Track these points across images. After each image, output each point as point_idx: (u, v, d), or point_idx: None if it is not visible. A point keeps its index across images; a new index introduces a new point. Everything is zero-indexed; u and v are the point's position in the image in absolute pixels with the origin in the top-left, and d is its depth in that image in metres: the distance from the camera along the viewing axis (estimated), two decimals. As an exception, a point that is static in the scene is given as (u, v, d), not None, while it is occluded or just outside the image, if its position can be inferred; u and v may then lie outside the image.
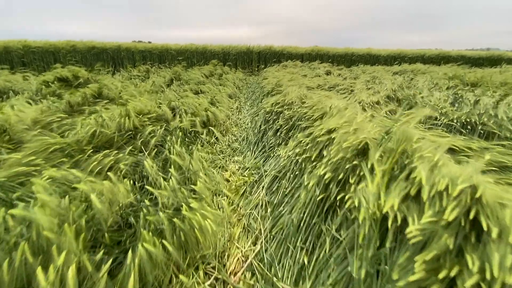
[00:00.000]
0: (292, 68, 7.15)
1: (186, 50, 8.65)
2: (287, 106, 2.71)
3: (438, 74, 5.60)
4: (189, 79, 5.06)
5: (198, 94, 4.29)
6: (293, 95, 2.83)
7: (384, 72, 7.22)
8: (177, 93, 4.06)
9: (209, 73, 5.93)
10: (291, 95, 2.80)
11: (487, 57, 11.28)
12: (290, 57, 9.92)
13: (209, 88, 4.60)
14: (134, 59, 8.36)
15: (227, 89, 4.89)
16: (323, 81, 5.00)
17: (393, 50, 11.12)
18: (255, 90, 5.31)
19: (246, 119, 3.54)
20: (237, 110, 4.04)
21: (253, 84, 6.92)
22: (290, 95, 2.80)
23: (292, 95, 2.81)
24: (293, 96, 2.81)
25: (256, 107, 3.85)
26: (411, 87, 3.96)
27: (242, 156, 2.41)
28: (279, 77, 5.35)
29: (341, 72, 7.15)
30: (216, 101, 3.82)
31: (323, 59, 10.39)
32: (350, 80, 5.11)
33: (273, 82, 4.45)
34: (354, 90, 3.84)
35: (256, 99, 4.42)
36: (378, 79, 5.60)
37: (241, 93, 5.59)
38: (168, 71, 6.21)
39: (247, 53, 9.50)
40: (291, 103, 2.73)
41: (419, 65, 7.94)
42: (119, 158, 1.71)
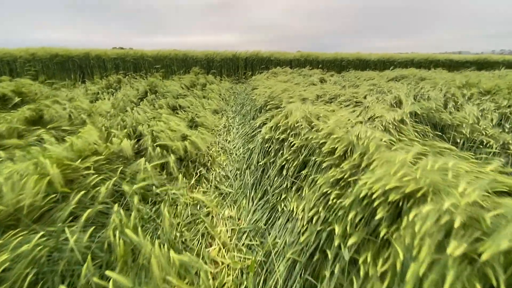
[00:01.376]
0: (283, 76, 6.55)
1: (165, 57, 7.86)
2: (292, 130, 2.04)
3: (441, 81, 5.18)
4: (167, 91, 4.30)
5: (176, 111, 3.55)
6: (298, 114, 2.17)
7: (379, 78, 6.78)
8: (150, 111, 3.31)
9: (191, 83, 5.21)
10: (295, 116, 2.14)
11: (473, 60, 11.27)
12: (278, 63, 9.37)
13: (190, 102, 3.87)
14: (105, 67, 7.47)
15: (212, 102, 4.18)
16: (320, 91, 4.40)
17: (383, 55, 10.86)
18: (245, 102, 4.63)
19: (237, 143, 2.84)
20: (225, 129, 3.33)
21: (241, 93, 6.24)
22: (294, 116, 2.14)
23: (296, 115, 2.15)
24: (298, 116, 2.15)
25: (248, 126, 3.17)
26: (426, 98, 3.42)
27: (236, 207, 1.71)
28: (270, 86, 4.71)
29: (335, 79, 6.62)
30: (198, 121, 3.10)
31: (312, 64, 9.92)
32: (351, 90, 4.54)
33: (266, 93, 3.80)
34: (364, 103, 3.25)
35: (247, 114, 3.73)
36: (379, 87, 5.10)
37: (228, 105, 4.90)
38: (143, 81, 5.41)
39: (233, 59, 8.84)
40: (296, 126, 2.07)
41: (414, 70, 7.59)
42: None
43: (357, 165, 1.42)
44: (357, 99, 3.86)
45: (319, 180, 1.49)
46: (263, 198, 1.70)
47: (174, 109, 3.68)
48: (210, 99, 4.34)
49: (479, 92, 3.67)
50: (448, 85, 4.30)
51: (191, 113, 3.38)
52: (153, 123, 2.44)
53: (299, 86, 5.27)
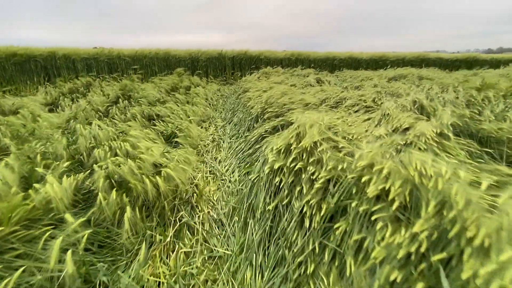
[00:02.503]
0: (275, 76, 5.98)
1: (144, 57, 7.08)
2: (310, 155, 1.46)
3: (448, 80, 4.78)
4: (143, 97, 3.61)
5: (153, 121, 2.89)
6: (314, 132, 1.58)
7: (377, 77, 6.36)
8: (119, 123, 2.64)
9: (173, 86, 4.53)
10: (312, 134, 1.55)
11: (463, 59, 11.19)
12: (268, 63, 8.80)
13: (171, 109, 3.21)
14: (75, 69, 6.61)
15: (198, 108, 3.54)
16: (322, 94, 3.87)
17: (375, 53, 10.54)
18: (236, 108, 4.02)
19: (230, 163, 2.23)
20: (214, 144, 2.70)
21: (230, 96, 5.61)
22: (311, 135, 1.55)
23: (313, 133, 1.56)
24: (315, 134, 1.57)
25: (243, 139, 2.56)
26: (442, 102, 2.94)
27: (237, 282, 1.11)
28: (265, 88, 4.12)
29: (330, 79, 6.12)
30: (180, 136, 2.47)
31: (303, 64, 9.43)
32: (355, 92, 4.03)
33: (262, 98, 3.20)
34: (376, 107, 2.72)
35: (240, 123, 3.12)
36: (382, 88, 4.64)
37: (217, 110, 4.26)
38: (117, 84, 4.67)
39: (219, 59, 8.18)
40: (315, 149, 1.48)
41: (412, 69, 7.24)
42: None
43: (439, 227, 0.86)
44: (366, 103, 3.34)
45: (372, 250, 0.91)
46: (277, 270, 1.10)
47: (150, 119, 3.02)
48: (195, 105, 3.70)
49: (502, 94, 3.25)
50: (460, 85, 3.87)
51: (171, 124, 2.73)
52: (115, 145, 1.78)
53: (296, 88, 4.73)
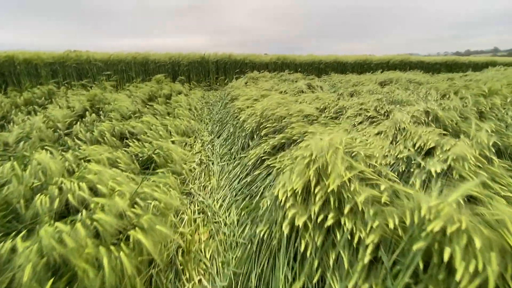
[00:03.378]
0: (264, 82, 5.61)
1: (119, 61, 6.44)
2: (340, 201, 1.06)
3: (441, 85, 4.63)
4: (114, 109, 3.08)
5: (126, 141, 2.39)
6: (339, 164, 1.19)
7: (367, 81, 6.17)
8: (81, 144, 2.13)
9: (151, 94, 4.00)
10: (337, 168, 1.16)
11: (443, 62, 11.46)
12: (253, 67, 8.42)
13: (149, 124, 2.72)
14: (38, 75, 5.86)
15: (180, 121, 3.06)
16: (319, 102, 3.54)
17: (359, 57, 10.50)
18: (224, 119, 3.58)
19: (225, 199, 1.78)
20: (202, 168, 2.24)
21: (215, 104, 5.15)
22: (335, 169, 1.16)
23: (338, 166, 1.17)
24: (340, 166, 1.17)
25: (238, 162, 2.12)
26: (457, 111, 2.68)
27: None
28: (255, 96, 3.73)
29: (320, 83, 5.83)
30: (158, 161, 2.00)
31: (289, 68, 9.16)
32: (353, 99, 3.73)
33: (254, 109, 2.79)
34: (391, 120, 2.40)
35: (231, 140, 2.68)
36: (376, 93, 4.40)
37: (202, 121, 3.80)
38: (85, 94, 4.06)
39: (202, 63, 7.68)
40: (345, 190, 1.09)
41: (399, 73, 7.16)
42: None
43: None
44: (368, 112, 3.03)
45: None
46: None
47: (122, 137, 2.51)
48: (178, 117, 3.21)
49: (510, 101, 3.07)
50: (460, 92, 3.69)
51: (148, 144, 2.25)
52: (68, 186, 1.29)
53: (288, 95, 4.38)
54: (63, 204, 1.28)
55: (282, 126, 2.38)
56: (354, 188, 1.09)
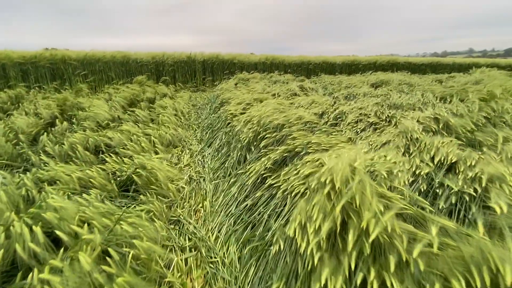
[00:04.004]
0: (254, 83, 5.34)
1: (97, 60, 5.97)
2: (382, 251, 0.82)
3: (436, 88, 4.55)
4: (89, 116, 2.71)
5: (101, 155, 2.07)
6: (373, 202, 0.94)
7: (359, 83, 6.05)
8: (47, 160, 1.79)
9: (132, 98, 3.62)
10: (372, 207, 0.91)
11: (428, 63, 11.66)
12: (242, 67, 8.14)
13: (129, 134, 2.38)
14: (6, 76, 5.29)
15: (166, 130, 2.73)
16: (316, 107, 3.34)
17: (348, 58, 10.47)
18: (214, 125, 3.28)
19: (222, 228, 1.50)
20: (193, 188, 1.94)
21: (204, 107, 4.83)
22: (369, 207, 0.91)
23: (372, 204, 0.92)
24: (373, 204, 0.93)
25: (235, 180, 1.84)
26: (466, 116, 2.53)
27: None
28: (247, 100, 3.46)
29: (315, 86, 5.63)
30: (139, 181, 1.69)
31: (279, 68, 8.96)
32: (351, 103, 3.55)
33: (249, 117, 2.52)
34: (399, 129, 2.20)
35: (225, 151, 2.40)
36: (373, 95, 4.25)
37: (190, 128, 3.48)
38: (57, 98, 3.62)
39: (188, 63, 7.31)
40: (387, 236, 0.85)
41: (391, 74, 7.10)
42: None
43: None
44: (369, 118, 2.85)
45: None
46: None
47: (98, 151, 2.16)
48: (162, 125, 2.88)
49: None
50: (457, 95, 3.59)
51: (128, 160, 1.92)
52: (18, 227, 0.97)
53: (281, 98, 4.14)
54: (11, 256, 0.96)
55: (282, 136, 2.13)
56: (392, 228, 0.85)
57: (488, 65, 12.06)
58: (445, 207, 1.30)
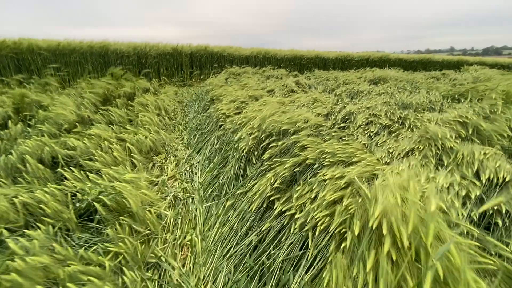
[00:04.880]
0: (246, 78, 4.91)
1: (71, 51, 5.32)
2: None
3: (440, 86, 4.31)
4: (49, 117, 2.22)
5: (60, 169, 1.62)
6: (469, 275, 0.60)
7: (356, 79, 5.75)
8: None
9: (107, 94, 3.12)
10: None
11: (419, 60, 11.61)
12: (232, 61, 7.66)
13: (98, 140, 1.93)
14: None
15: (145, 133, 2.29)
16: (319, 106, 3.00)
17: (340, 53, 10.19)
18: (204, 126, 2.86)
19: (221, 281, 1.11)
20: (178, 212, 1.54)
21: (191, 104, 4.37)
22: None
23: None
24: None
25: (233, 201, 1.45)
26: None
27: None
28: (241, 97, 3.05)
29: (311, 82, 5.27)
30: (111, 205, 1.27)
31: (271, 62, 8.55)
32: (356, 102, 3.23)
33: (247, 118, 2.12)
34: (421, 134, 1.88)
35: (217, 161, 1.99)
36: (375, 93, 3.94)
37: (176, 129, 3.04)
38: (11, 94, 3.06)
39: (174, 55, 6.75)
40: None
41: (388, 71, 6.83)
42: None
43: None
44: (379, 118, 2.53)
45: None
46: None
47: (55, 163, 1.70)
48: (142, 127, 2.43)
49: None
50: (470, 93, 3.34)
51: (93, 175, 1.49)
52: None
53: (278, 95, 3.77)
54: None
55: (289, 144, 1.75)
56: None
57: (476, 63, 12.17)
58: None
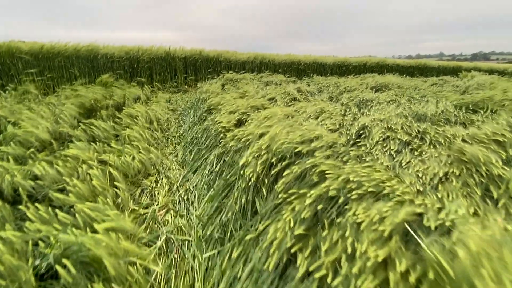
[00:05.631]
0: (246, 85, 4.63)
1: (56, 55, 4.96)
2: None
3: (453, 96, 4.10)
4: (16, 135, 1.88)
5: (22, 206, 1.28)
6: None
7: (356, 85, 5.54)
8: None
9: (92, 104, 2.78)
10: None
11: (416, 65, 11.57)
12: (228, 66, 7.38)
13: (74, 163, 1.61)
14: None
15: (133, 152, 1.97)
16: (329, 118, 2.75)
17: (338, 58, 10.04)
18: (201, 141, 2.55)
19: None
20: (171, 263, 1.23)
21: (186, 112, 4.06)
22: None
23: None
24: None
25: (243, 249, 1.15)
26: None
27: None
28: (242, 107, 2.77)
29: (312, 89, 5.02)
30: (84, 258, 0.94)
31: (268, 67, 8.31)
32: (366, 113, 2.98)
33: (251, 133, 1.84)
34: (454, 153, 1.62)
35: (219, 188, 1.69)
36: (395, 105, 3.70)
37: (170, 143, 2.73)
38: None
39: (167, 59, 6.43)
40: None
41: (390, 77, 6.65)
42: None
43: None
44: (396, 133, 2.28)
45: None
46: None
47: (18, 196, 1.37)
48: (130, 143, 2.11)
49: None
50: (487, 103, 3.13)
51: (63, 214, 1.17)
52: None
53: (281, 104, 3.50)
54: None
55: (304, 169, 1.46)
56: None
57: (471, 69, 12.21)
58: None
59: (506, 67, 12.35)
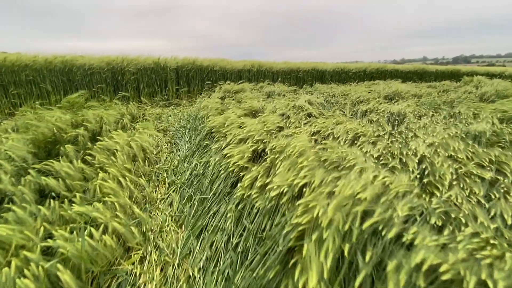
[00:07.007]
0: (249, 99, 4.01)
1: (24, 67, 4.21)
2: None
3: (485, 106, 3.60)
4: None
5: None
6: None
7: (366, 94, 5.00)
8: None
9: (56, 134, 2.07)
10: None
11: (414, 70, 11.31)
12: (224, 76, 6.77)
13: (2, 249, 0.93)
14: None
15: (105, 219, 1.31)
16: (369, 144, 2.14)
17: (338, 65, 9.62)
18: (204, 182, 1.89)
19: None
20: None
21: (180, 133, 3.39)
22: None
23: None
24: None
25: None
26: None
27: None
28: (256, 134, 2.13)
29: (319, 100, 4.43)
30: None
31: (266, 76, 7.76)
32: (403, 132, 2.40)
33: (275, 184, 1.21)
34: None
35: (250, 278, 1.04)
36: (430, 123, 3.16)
37: (160, 183, 2.06)
38: None
39: (156, 70, 5.75)
40: None
41: (399, 84, 6.18)
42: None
43: None
44: (460, 162, 1.70)
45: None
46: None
47: None
48: (106, 196, 1.44)
49: None
50: None
51: None
52: None
53: (295, 122, 2.90)
54: None
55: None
56: None
57: (468, 73, 12.04)
58: None
59: (503, 70, 12.26)
